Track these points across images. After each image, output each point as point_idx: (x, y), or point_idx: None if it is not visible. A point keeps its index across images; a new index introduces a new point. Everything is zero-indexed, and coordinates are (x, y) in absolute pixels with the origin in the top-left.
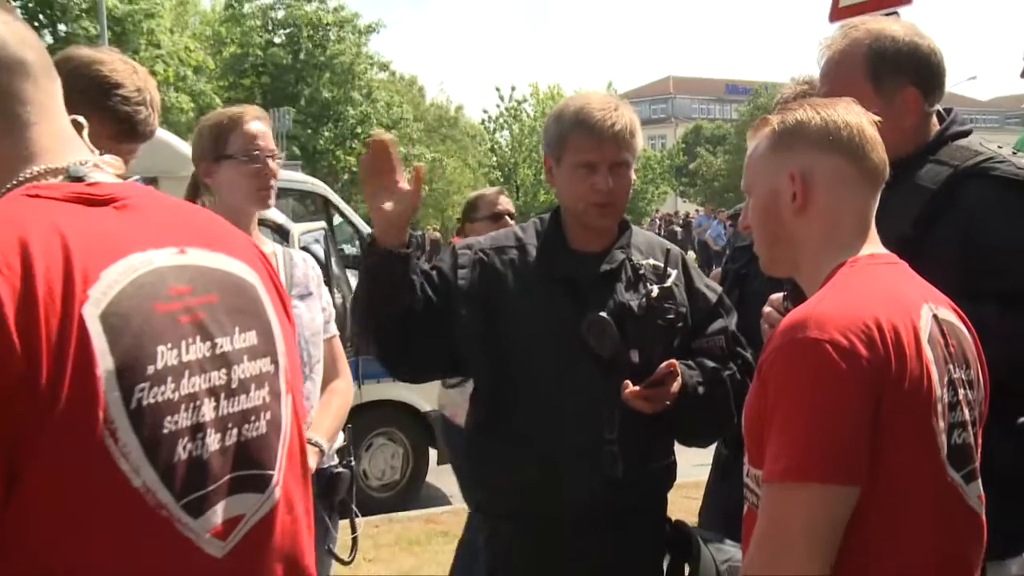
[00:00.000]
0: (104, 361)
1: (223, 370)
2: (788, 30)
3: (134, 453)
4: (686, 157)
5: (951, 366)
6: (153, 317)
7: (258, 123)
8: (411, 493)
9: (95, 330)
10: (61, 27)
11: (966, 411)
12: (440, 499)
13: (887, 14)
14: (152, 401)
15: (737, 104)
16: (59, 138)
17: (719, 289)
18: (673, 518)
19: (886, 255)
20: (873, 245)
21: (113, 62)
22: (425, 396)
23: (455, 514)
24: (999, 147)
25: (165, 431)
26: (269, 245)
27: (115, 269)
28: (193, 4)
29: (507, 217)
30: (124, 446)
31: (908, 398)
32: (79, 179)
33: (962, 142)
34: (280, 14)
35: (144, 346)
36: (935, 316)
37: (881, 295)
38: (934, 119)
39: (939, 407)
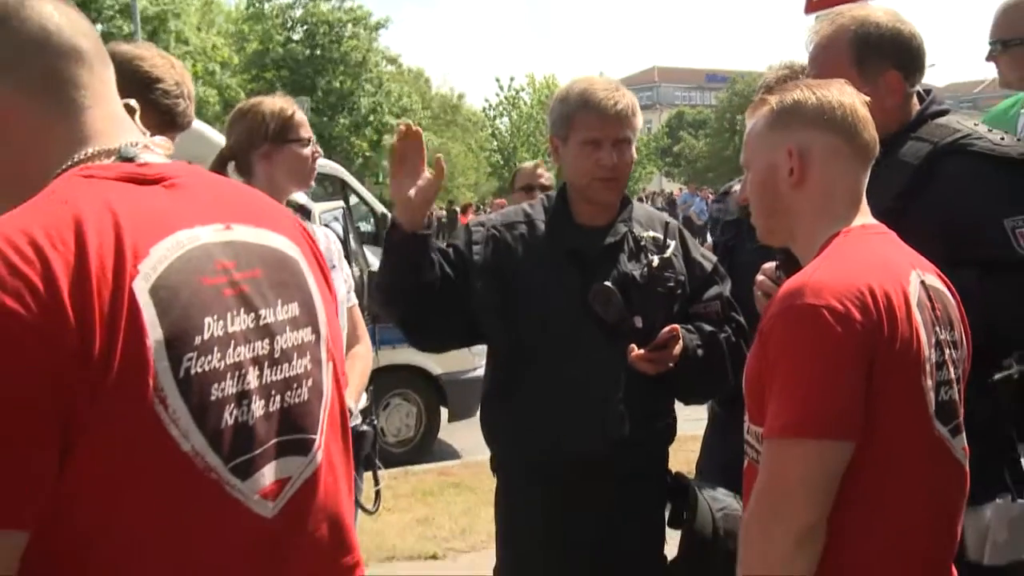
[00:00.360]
0: (154, 332)
1: (266, 340)
2: (764, 21)
3: (183, 419)
4: (670, 140)
5: (938, 328)
6: (200, 290)
7: (300, 114)
8: (425, 448)
9: (145, 303)
10: (98, 26)
11: (951, 370)
12: (451, 454)
13: (860, 4)
14: (199, 370)
15: (716, 91)
16: (112, 121)
17: (714, 258)
18: (673, 471)
19: (877, 225)
20: (864, 217)
21: (153, 58)
22: (437, 360)
23: (465, 467)
24: (975, 124)
25: (212, 398)
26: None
27: (164, 245)
28: (218, 4)
29: (538, 190)
30: (173, 412)
31: (899, 359)
32: (130, 159)
33: (941, 120)
34: (298, 12)
35: (192, 317)
36: (923, 282)
37: (873, 263)
38: (915, 99)
39: (927, 367)
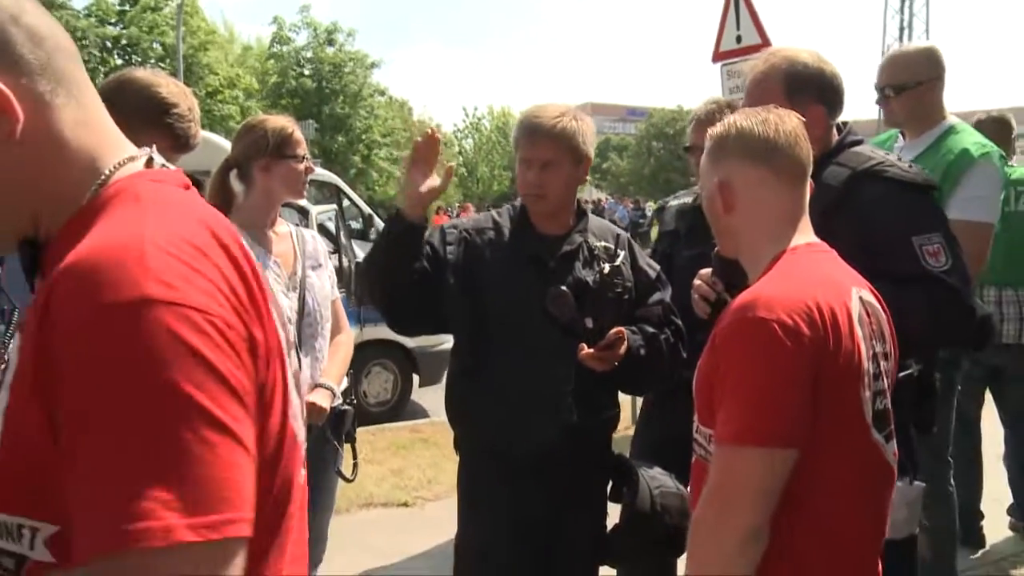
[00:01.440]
0: None
1: None
2: (673, 66)
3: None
4: (600, 160)
5: (874, 341)
6: None
7: (299, 133)
8: (399, 409)
9: None
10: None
11: (885, 380)
12: (422, 413)
13: (754, 58)
14: None
15: (635, 123)
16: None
17: (657, 267)
18: (616, 452)
19: (820, 244)
20: (806, 235)
21: (168, 85)
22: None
23: (432, 425)
24: (886, 153)
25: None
26: (286, 226)
27: None
28: (251, 48)
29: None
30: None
31: (842, 371)
32: (162, 165)
33: (856, 149)
34: (308, 54)
35: None
36: (860, 298)
37: (819, 280)
38: (834, 131)
39: (866, 379)
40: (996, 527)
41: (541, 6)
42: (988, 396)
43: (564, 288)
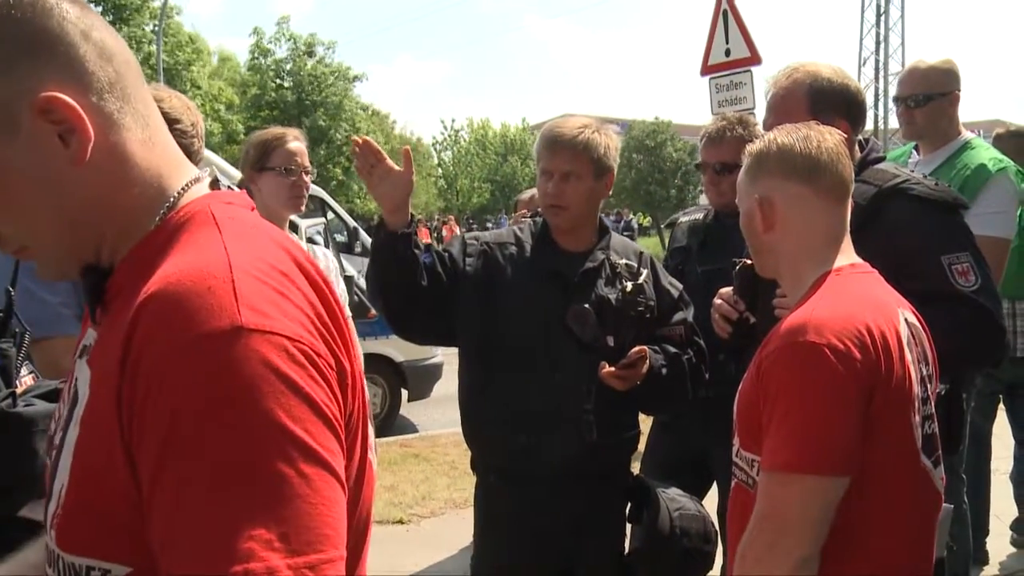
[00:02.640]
0: None
1: None
2: (653, 78)
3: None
4: None
5: (921, 365)
6: None
7: (297, 143)
8: (388, 423)
9: None
10: None
11: (932, 404)
12: (411, 428)
13: (743, 71)
14: None
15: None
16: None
17: (680, 286)
18: (634, 473)
19: (863, 264)
20: (849, 255)
21: (171, 99)
22: (399, 349)
23: (423, 440)
24: (911, 171)
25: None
26: (300, 244)
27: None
28: (231, 60)
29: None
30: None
31: (894, 396)
32: (228, 187)
33: (880, 166)
34: (289, 66)
35: None
36: (905, 320)
37: (869, 303)
38: (857, 147)
39: (916, 403)
40: (1000, 543)
41: (518, 18)
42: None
43: (587, 306)
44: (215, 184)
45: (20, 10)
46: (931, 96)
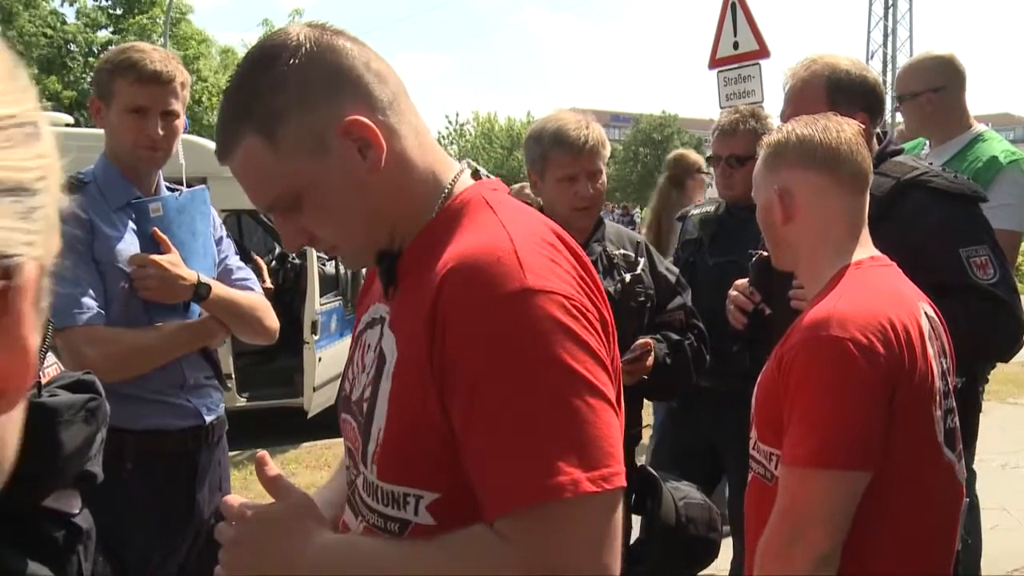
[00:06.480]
0: None
1: None
2: (659, 71)
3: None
4: None
5: (941, 359)
6: None
7: None
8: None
9: None
10: None
11: (952, 398)
12: None
13: (751, 64)
14: None
15: (621, 128)
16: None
17: (676, 271)
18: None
19: (882, 257)
20: (868, 248)
21: (152, 52)
22: None
23: None
24: (930, 163)
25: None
26: None
27: None
28: (236, 54)
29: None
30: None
31: (916, 390)
32: (487, 175)
33: (898, 159)
34: None
35: None
36: (925, 313)
37: (890, 296)
38: (874, 139)
39: (938, 397)
40: (1007, 535)
41: (522, 12)
42: (989, 403)
43: None
44: (475, 174)
45: (321, 55)
46: (903, 96)
